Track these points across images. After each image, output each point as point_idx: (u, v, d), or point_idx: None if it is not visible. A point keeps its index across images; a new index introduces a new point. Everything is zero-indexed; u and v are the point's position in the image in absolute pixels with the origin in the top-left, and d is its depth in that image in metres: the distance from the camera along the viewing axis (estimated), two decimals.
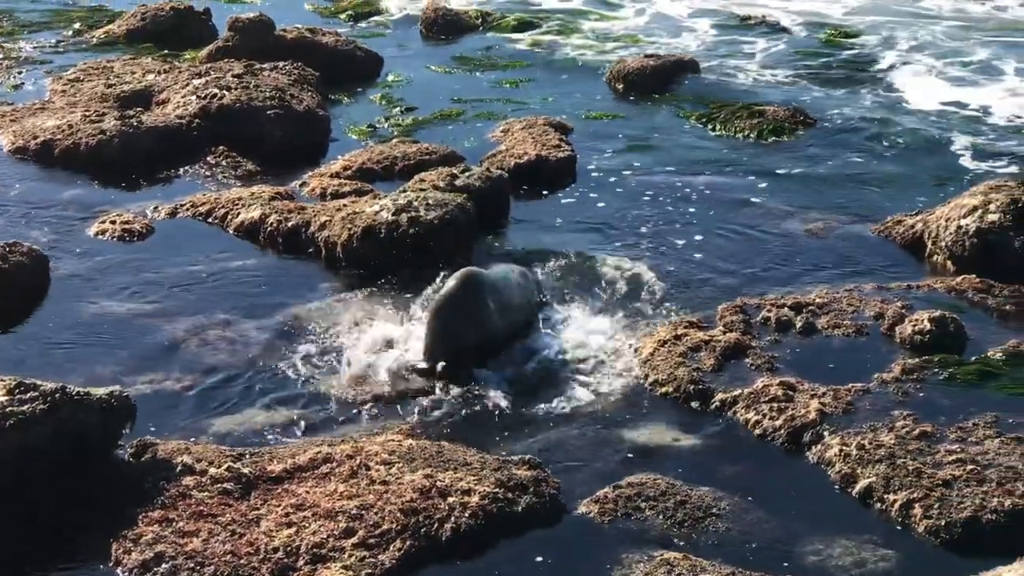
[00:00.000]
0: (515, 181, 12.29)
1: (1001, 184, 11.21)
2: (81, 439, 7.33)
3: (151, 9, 18.03)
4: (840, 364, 9.04)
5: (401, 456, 7.60)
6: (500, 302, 9.42)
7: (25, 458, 7.14)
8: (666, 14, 20.39)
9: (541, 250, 10.98)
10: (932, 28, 19.53)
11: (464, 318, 9.15)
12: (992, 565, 6.83)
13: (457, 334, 9.10)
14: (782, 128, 14.20)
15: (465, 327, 9.14)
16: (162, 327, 9.62)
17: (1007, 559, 6.87)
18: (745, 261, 10.88)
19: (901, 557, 7.09)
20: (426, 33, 18.71)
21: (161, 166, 12.90)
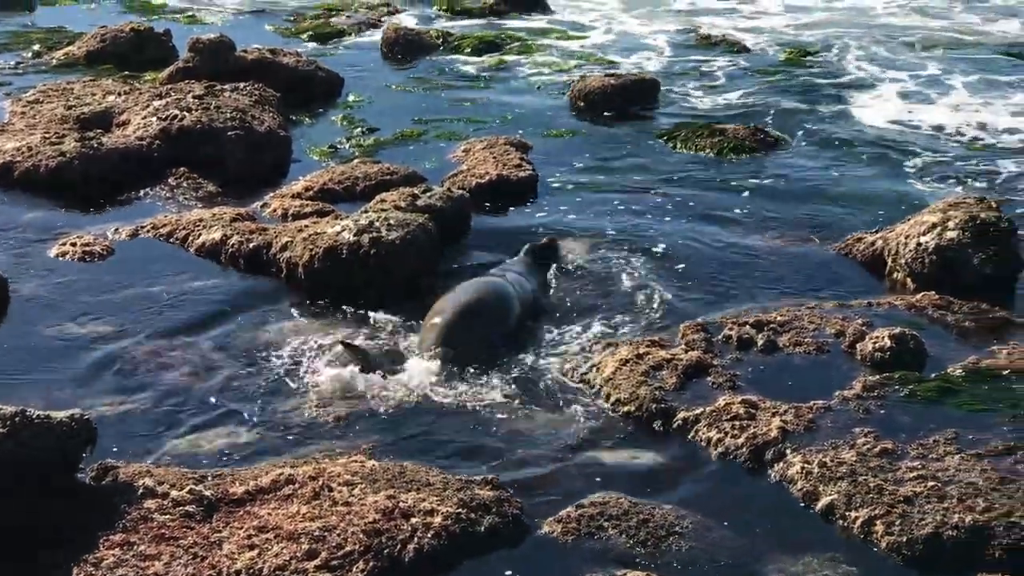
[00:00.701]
0: (476, 200, 12.30)
1: (959, 201, 11.28)
2: (41, 463, 7.28)
3: (111, 31, 18.00)
4: (802, 382, 9.06)
5: (364, 477, 7.58)
6: (509, 309, 9.92)
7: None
8: (628, 33, 20.49)
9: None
10: (891, 46, 19.67)
11: (479, 318, 9.66)
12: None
13: (467, 332, 9.46)
14: (743, 146, 14.27)
15: (474, 327, 9.54)
16: (123, 349, 9.57)
17: (968, 575, 6.91)
18: (706, 279, 10.90)
19: (863, 574, 7.10)
20: (387, 53, 18.74)
21: (122, 188, 12.86)
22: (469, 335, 9.50)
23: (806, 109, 16.18)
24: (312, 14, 21.09)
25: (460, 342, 9.41)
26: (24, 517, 7.17)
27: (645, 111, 15.91)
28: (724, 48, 19.04)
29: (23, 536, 7.08)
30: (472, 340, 9.47)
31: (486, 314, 9.84)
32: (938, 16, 22.22)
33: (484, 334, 9.64)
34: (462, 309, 9.72)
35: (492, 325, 9.79)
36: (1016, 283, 10.73)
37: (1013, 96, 16.92)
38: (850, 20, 21.69)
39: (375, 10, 21.19)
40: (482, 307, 9.87)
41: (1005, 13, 22.51)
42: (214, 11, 21.38)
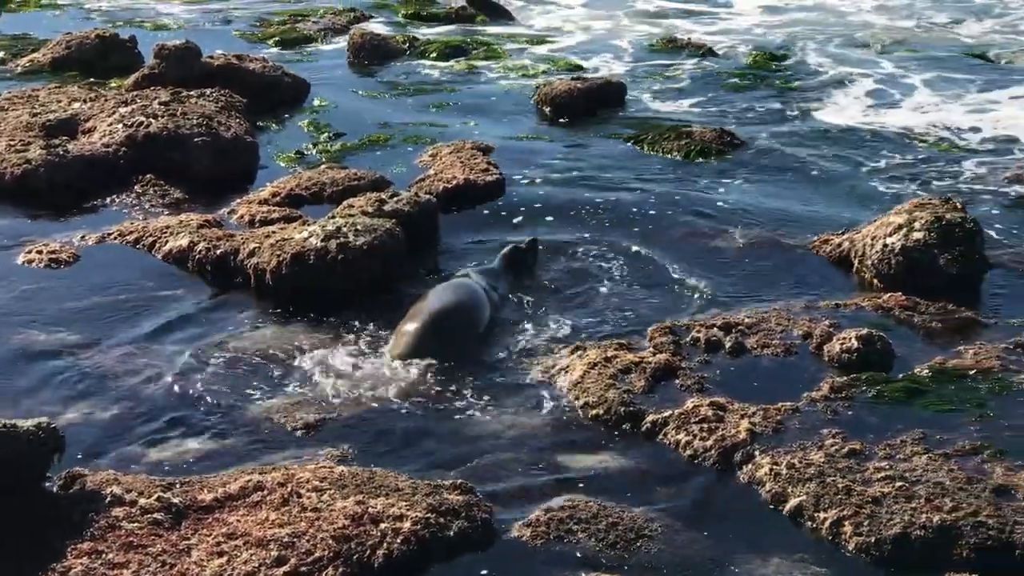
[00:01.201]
0: (444, 205, 12.30)
1: (925, 202, 11.33)
2: (8, 471, 7.26)
3: (76, 37, 17.94)
4: (769, 383, 9.09)
5: (333, 483, 7.58)
6: (481, 316, 9.97)
7: None
8: (595, 38, 20.51)
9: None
10: (858, 47, 19.76)
11: (455, 323, 9.75)
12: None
13: (445, 337, 9.53)
14: (709, 149, 14.30)
15: (454, 331, 9.62)
16: (90, 357, 9.54)
17: (936, 575, 6.95)
18: (674, 282, 10.92)
19: (832, 574, 7.13)
20: (353, 59, 18.70)
21: (88, 195, 12.81)
22: (440, 343, 9.51)
23: (772, 111, 16.23)
24: (278, 20, 21.05)
25: (431, 350, 9.43)
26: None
27: (611, 114, 15.93)
28: (690, 52, 19.06)
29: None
30: (443, 347, 9.48)
31: (458, 321, 9.85)
32: (907, 16, 22.29)
33: (456, 341, 9.64)
34: (434, 316, 9.72)
35: (464, 332, 9.80)
36: (982, 283, 10.77)
37: (976, 96, 16.99)
38: (820, 21, 21.77)
39: (341, 15, 21.15)
40: (454, 314, 9.86)
41: (974, 12, 22.58)
42: (179, 17, 21.32)
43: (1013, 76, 18.09)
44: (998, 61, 19.04)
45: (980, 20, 22.15)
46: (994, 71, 18.43)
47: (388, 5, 22.44)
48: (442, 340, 9.53)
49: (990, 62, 18.94)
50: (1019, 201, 12.86)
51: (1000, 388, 8.92)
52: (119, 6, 22.28)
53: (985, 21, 22.08)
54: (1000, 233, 11.92)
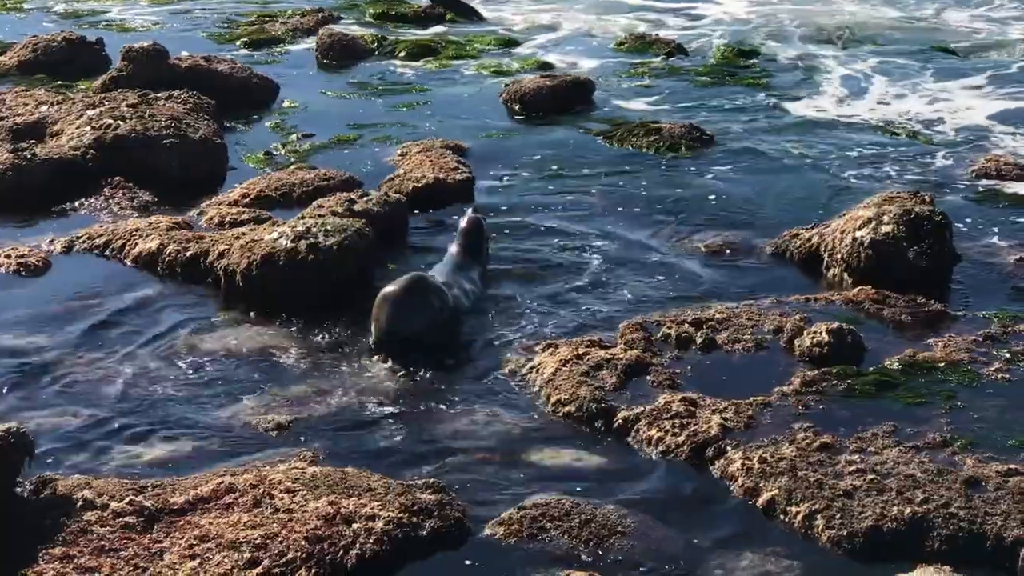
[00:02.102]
0: (414, 204, 12.29)
1: (894, 196, 11.36)
2: None
3: (43, 40, 17.84)
4: (741, 378, 9.12)
5: (305, 483, 7.57)
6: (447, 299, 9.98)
7: None
8: (563, 37, 20.50)
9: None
10: (825, 43, 19.80)
11: (418, 307, 9.76)
12: (893, 572, 6.95)
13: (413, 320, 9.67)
14: (679, 145, 14.32)
15: (419, 316, 9.72)
16: (60, 360, 9.50)
17: (907, 566, 6.98)
18: (644, 278, 10.94)
19: (805, 568, 7.16)
20: (321, 59, 18.66)
21: (56, 198, 12.75)
22: (413, 319, 9.65)
23: (741, 107, 16.26)
24: (246, 21, 21.00)
25: (408, 325, 9.61)
26: None
27: (581, 111, 15.94)
28: (659, 48, 19.06)
29: None
30: (418, 324, 9.63)
31: (426, 299, 9.85)
32: (882, 7, 22.36)
33: (429, 317, 9.74)
34: (402, 294, 9.76)
35: (434, 308, 9.84)
36: (951, 276, 10.83)
37: (944, 90, 17.06)
38: (791, 14, 21.80)
39: (309, 16, 21.09)
40: (421, 292, 9.86)
41: (955, 4, 22.67)
42: (146, 19, 21.25)
43: (979, 69, 18.15)
44: (965, 55, 19.10)
45: (959, 9, 22.22)
46: (961, 64, 18.49)
47: (356, 5, 22.39)
48: (410, 319, 9.69)
49: (957, 56, 19.00)
50: (987, 194, 12.92)
51: (970, 380, 8.97)
52: (86, 8, 22.18)
53: (963, 12, 22.15)
54: (969, 226, 11.97)
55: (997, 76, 17.73)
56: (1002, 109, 16.17)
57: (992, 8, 22.56)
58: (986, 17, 21.86)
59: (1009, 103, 16.43)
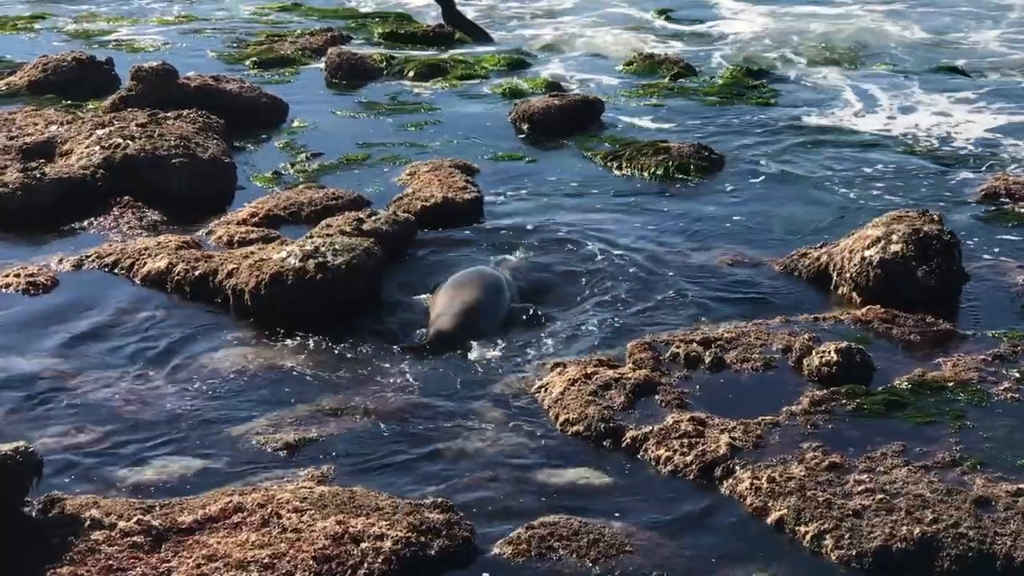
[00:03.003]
0: (422, 223, 12.30)
1: (903, 215, 11.34)
2: None
3: (53, 60, 17.91)
4: (749, 398, 9.10)
5: (313, 503, 7.56)
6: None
7: None
8: (572, 57, 20.55)
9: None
10: (833, 62, 19.82)
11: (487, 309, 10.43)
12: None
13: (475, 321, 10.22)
14: (687, 165, 14.32)
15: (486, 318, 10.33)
16: (69, 380, 9.51)
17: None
18: (654, 298, 10.92)
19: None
20: (330, 79, 18.71)
21: (66, 218, 12.77)
22: (473, 322, 10.18)
23: (749, 126, 16.27)
24: (255, 40, 21.05)
25: (468, 329, 10.08)
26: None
27: (589, 131, 15.96)
28: (668, 68, 19.09)
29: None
30: (476, 327, 10.13)
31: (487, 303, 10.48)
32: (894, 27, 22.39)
33: (486, 321, 10.30)
34: (467, 300, 10.37)
35: (491, 313, 10.41)
36: (960, 296, 10.80)
37: (954, 108, 17.07)
38: (800, 34, 21.83)
39: (318, 35, 21.15)
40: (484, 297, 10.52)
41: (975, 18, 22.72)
42: (155, 39, 21.31)
43: (988, 88, 18.16)
44: (974, 74, 19.11)
45: (966, 33, 22.25)
46: (969, 83, 18.52)
47: (365, 25, 22.47)
48: (471, 323, 10.18)
49: (965, 75, 19.02)
50: (996, 213, 12.91)
51: (979, 400, 8.95)
52: (96, 29, 22.25)
53: (973, 32, 22.19)
54: (977, 245, 11.96)
55: (1005, 95, 17.75)
56: (1011, 128, 16.17)
57: (1002, 28, 22.58)
58: (997, 38, 21.87)
59: (1018, 122, 16.42)
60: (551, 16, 24.05)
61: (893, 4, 24.85)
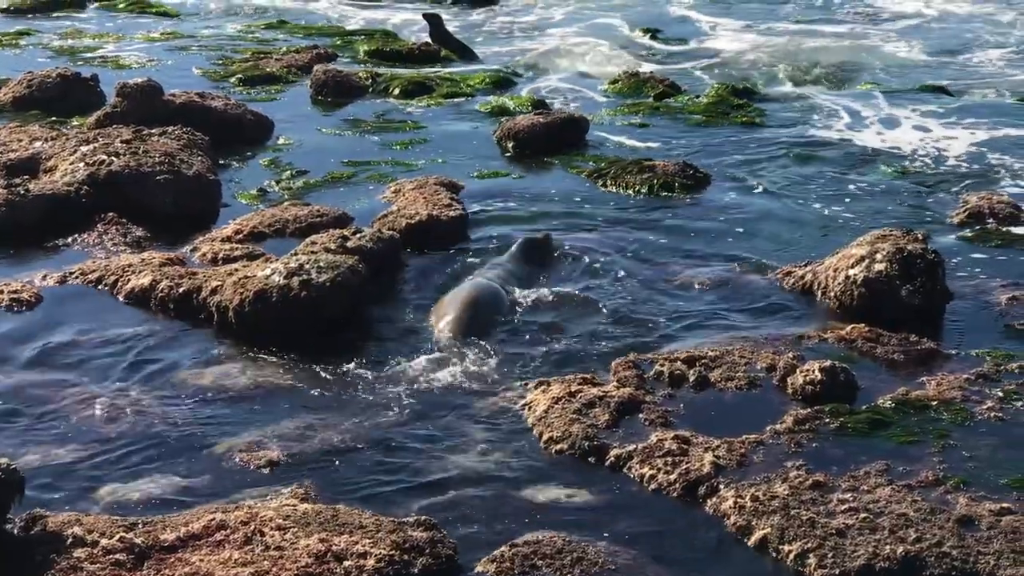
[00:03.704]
0: (407, 241, 12.29)
1: (887, 234, 11.36)
2: None
3: (37, 76, 17.88)
4: (733, 416, 9.11)
5: (296, 521, 7.55)
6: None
7: None
8: (557, 75, 20.57)
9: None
10: (818, 83, 19.87)
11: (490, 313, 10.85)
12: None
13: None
14: (672, 183, 14.33)
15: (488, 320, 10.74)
16: (52, 396, 9.48)
17: None
18: (637, 316, 10.93)
19: None
20: (316, 96, 18.70)
21: (50, 234, 12.74)
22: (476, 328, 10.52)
23: (735, 144, 16.28)
24: (240, 57, 21.05)
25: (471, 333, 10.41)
26: None
27: (575, 149, 15.96)
28: (653, 86, 19.10)
29: None
30: (480, 332, 10.49)
31: (485, 312, 10.79)
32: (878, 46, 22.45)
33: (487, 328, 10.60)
34: (467, 306, 10.73)
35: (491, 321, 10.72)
36: (943, 315, 10.82)
37: (938, 128, 17.10)
38: (786, 53, 21.90)
39: (304, 52, 21.15)
40: (484, 305, 10.83)
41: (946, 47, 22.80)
42: (140, 55, 21.30)
43: (971, 108, 18.21)
44: (958, 93, 19.17)
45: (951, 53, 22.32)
46: (953, 103, 18.55)
47: (351, 43, 22.48)
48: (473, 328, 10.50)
49: (950, 94, 19.06)
50: (980, 232, 12.93)
51: (962, 419, 8.97)
52: (81, 45, 22.24)
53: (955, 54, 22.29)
54: (961, 264, 11.99)
55: (989, 115, 17.77)
56: (995, 147, 16.20)
57: (983, 49, 22.67)
58: (981, 58, 21.95)
59: (1001, 142, 16.46)
60: (537, 34, 24.07)
61: (885, 24, 24.93)
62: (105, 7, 25.94)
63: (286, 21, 24.81)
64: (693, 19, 25.47)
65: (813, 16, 25.57)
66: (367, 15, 25.99)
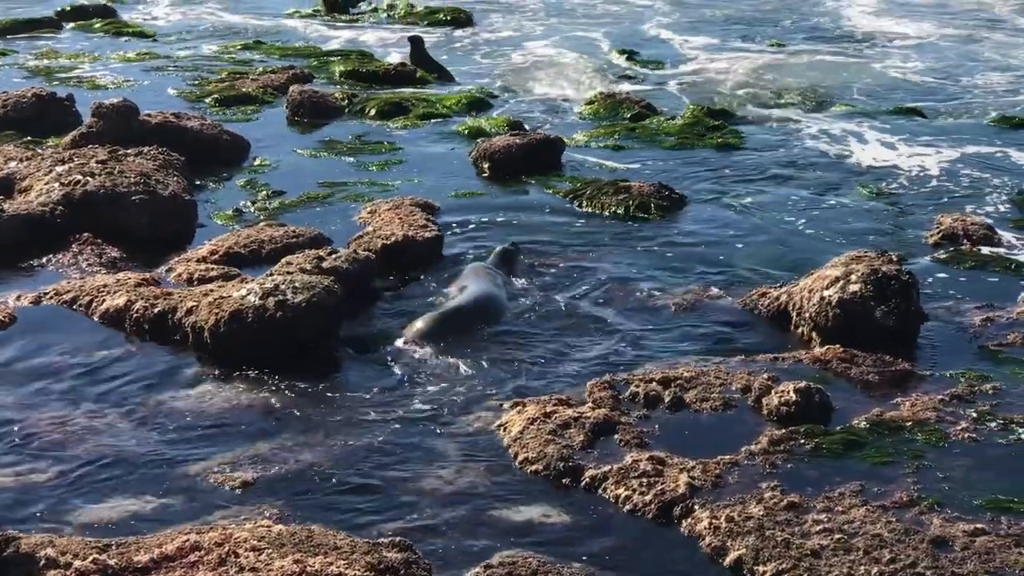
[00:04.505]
0: (382, 262, 12.28)
1: (862, 255, 11.39)
2: None
3: (12, 96, 17.83)
4: (709, 437, 9.12)
5: (271, 542, 7.53)
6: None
7: None
8: (534, 96, 20.59)
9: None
10: (793, 105, 19.92)
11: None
12: None
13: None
14: (648, 204, 14.35)
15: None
16: (25, 417, 9.45)
17: None
18: (613, 337, 10.94)
19: None
20: (292, 116, 18.69)
21: (24, 254, 12.71)
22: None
23: (710, 166, 16.32)
24: (216, 78, 21.03)
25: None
26: None
27: (550, 170, 15.97)
28: (629, 107, 19.13)
29: None
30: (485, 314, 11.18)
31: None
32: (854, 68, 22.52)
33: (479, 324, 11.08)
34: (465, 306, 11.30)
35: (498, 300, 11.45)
36: (918, 336, 10.85)
37: (912, 150, 17.15)
38: (764, 75, 21.96)
39: (280, 73, 21.14)
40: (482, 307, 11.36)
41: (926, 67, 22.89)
42: (116, 75, 21.26)
43: (946, 130, 18.28)
44: (933, 116, 19.24)
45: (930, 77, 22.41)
46: (928, 125, 18.62)
47: (327, 63, 22.47)
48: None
49: (925, 117, 19.13)
50: (954, 254, 12.98)
51: (936, 440, 8.99)
52: (56, 65, 22.20)
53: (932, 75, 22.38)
54: (935, 285, 12.03)
55: (964, 137, 17.84)
56: (969, 169, 16.26)
57: (961, 72, 22.79)
58: (958, 81, 22.05)
59: (976, 164, 16.53)
60: (514, 55, 24.09)
61: (863, 46, 25.02)
62: (81, 27, 25.89)
63: (262, 42, 24.79)
64: (669, 40, 25.52)
65: (791, 38, 25.63)
66: (346, 35, 25.98)
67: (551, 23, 27.21)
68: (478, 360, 10.45)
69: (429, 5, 28.38)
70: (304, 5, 28.67)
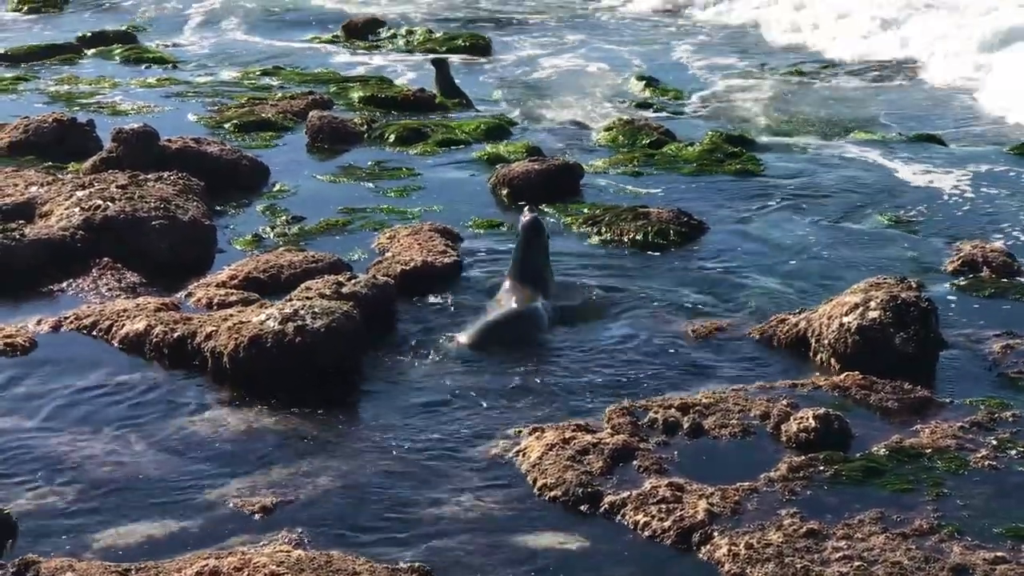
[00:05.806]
0: (401, 287, 12.29)
1: (881, 281, 11.38)
2: None
3: (33, 121, 17.91)
4: (727, 464, 9.11)
5: (290, 567, 7.54)
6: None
7: None
8: (554, 122, 20.64)
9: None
10: (813, 131, 19.94)
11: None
12: None
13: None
14: (667, 230, 14.34)
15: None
16: (45, 441, 9.47)
17: None
18: (631, 364, 10.93)
19: None
20: (312, 142, 18.72)
21: (44, 279, 12.75)
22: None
23: (730, 192, 16.30)
24: (236, 104, 21.10)
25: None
26: None
27: (569, 196, 15.97)
28: (648, 134, 19.14)
29: None
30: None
31: None
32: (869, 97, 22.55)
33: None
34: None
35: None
36: (937, 363, 10.82)
37: (932, 177, 17.12)
38: (781, 102, 21.99)
39: (299, 99, 21.20)
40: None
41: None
42: (136, 101, 21.35)
43: (967, 157, 18.24)
44: (952, 143, 19.23)
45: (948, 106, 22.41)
46: (948, 152, 18.60)
47: (346, 89, 22.53)
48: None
49: (944, 144, 19.12)
50: (973, 281, 12.94)
51: (956, 467, 8.97)
52: (77, 91, 22.30)
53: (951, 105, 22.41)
54: (955, 312, 12.00)
55: (983, 165, 17.78)
56: (988, 197, 16.22)
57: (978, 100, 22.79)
58: (976, 109, 22.06)
59: (995, 191, 16.48)
60: (533, 81, 24.16)
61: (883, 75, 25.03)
62: (102, 53, 26.01)
63: (281, 67, 24.89)
64: (690, 66, 25.57)
65: (811, 67, 25.64)
66: (366, 60, 26.09)
67: (569, 49, 27.25)
68: (496, 386, 10.45)
69: (448, 31, 28.46)
70: (324, 31, 28.77)
